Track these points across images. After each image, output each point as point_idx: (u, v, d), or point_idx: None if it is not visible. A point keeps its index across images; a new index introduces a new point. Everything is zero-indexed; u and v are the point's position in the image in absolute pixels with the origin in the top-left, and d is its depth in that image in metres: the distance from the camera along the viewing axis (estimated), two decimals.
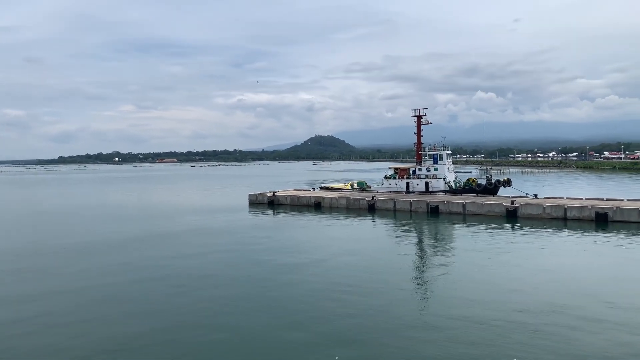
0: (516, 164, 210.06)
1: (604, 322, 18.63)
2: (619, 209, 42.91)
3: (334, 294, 23.28)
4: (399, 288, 24.11)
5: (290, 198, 63.99)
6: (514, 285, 24.01)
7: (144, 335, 18.56)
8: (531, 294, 22.37)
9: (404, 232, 42.25)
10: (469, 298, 22.01)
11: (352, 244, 36.55)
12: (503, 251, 32.34)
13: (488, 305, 20.89)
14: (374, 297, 22.64)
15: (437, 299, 22.44)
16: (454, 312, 20.24)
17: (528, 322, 18.88)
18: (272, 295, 23.40)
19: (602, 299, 21.47)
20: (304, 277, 26.47)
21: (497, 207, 48.73)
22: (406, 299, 22.33)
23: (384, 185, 69.40)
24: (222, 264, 30.28)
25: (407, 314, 20.32)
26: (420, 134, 70.57)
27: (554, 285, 23.86)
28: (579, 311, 19.89)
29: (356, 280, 25.52)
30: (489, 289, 23.37)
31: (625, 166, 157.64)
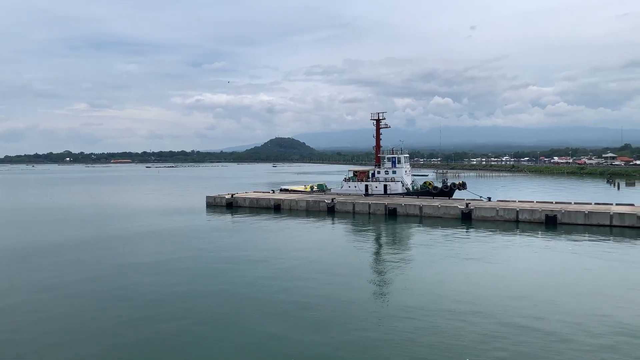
0: (471, 168, 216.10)
1: (550, 320, 19.29)
2: (567, 211, 44.75)
3: (292, 296, 23.09)
4: (357, 289, 24.18)
5: (250, 200, 63.33)
6: (468, 285, 24.54)
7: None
8: (484, 295, 22.92)
9: (362, 234, 42.55)
10: (425, 299, 22.32)
11: (311, 246, 36.47)
12: (458, 252, 33.06)
13: (443, 306, 21.24)
14: (332, 299, 22.60)
15: (394, 300, 22.64)
16: (409, 313, 20.47)
17: (481, 322, 19.30)
18: (229, 300, 22.97)
19: (549, 298, 22.24)
20: (262, 280, 26.15)
21: (452, 210, 49.84)
22: (364, 301, 22.41)
23: (344, 187, 69.81)
24: (176, 268, 29.50)
25: (365, 315, 20.38)
26: (379, 137, 71.49)
27: (506, 285, 24.55)
28: (529, 311, 20.52)
29: (315, 283, 25.43)
30: (443, 290, 23.78)
31: (573, 171, 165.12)
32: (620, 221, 42.04)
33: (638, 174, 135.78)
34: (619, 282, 24.94)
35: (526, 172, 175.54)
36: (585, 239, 37.70)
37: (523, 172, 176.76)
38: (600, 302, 21.59)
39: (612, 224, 42.23)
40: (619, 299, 21.95)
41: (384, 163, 68.14)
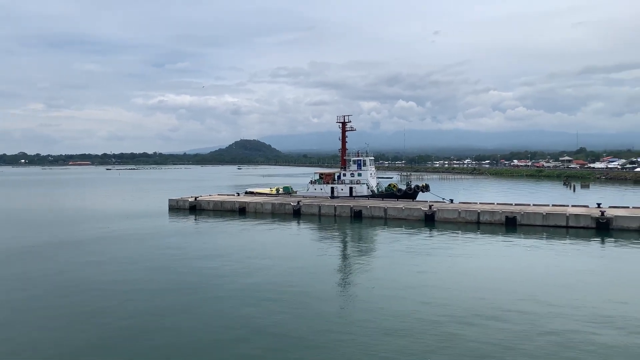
0: (434, 170, 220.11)
1: (509, 316, 19.76)
2: (526, 213, 46.09)
3: (256, 300, 22.81)
4: (323, 291, 24.13)
5: (214, 203, 62.42)
6: (431, 285, 24.86)
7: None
8: (447, 295, 23.25)
9: (328, 236, 42.58)
10: (390, 299, 22.49)
11: (277, 248, 36.21)
12: (421, 253, 33.49)
13: (407, 307, 21.43)
14: (298, 301, 22.46)
15: (359, 301, 22.70)
16: (374, 313, 20.56)
17: (443, 321, 19.57)
18: (191, 305, 22.49)
19: (509, 296, 22.79)
20: (226, 284, 25.74)
21: (416, 212, 50.54)
22: (329, 302, 22.37)
23: (310, 190, 69.75)
24: (137, 273, 28.71)
25: (330, 316, 20.34)
26: (345, 140, 71.86)
27: (468, 285, 25.00)
28: (489, 310, 20.95)
29: (281, 285, 25.22)
30: (407, 291, 24.01)
31: (531, 173, 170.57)
32: (576, 222, 43.59)
33: (593, 177, 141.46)
34: (574, 280, 25.80)
35: (487, 174, 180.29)
36: (543, 239, 38.89)
37: (484, 174, 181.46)
38: (557, 297, 22.26)
39: (568, 224, 43.73)
40: (575, 294, 22.69)
41: (350, 166, 68.50)
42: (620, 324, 19.04)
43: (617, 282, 25.69)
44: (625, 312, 20.46)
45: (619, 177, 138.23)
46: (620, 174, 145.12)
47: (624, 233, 40.44)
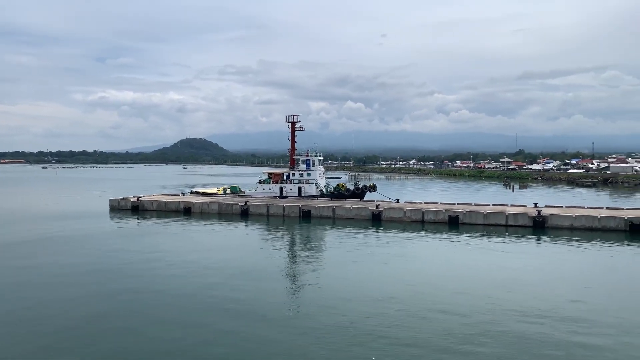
0: (381, 171, 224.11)
1: (453, 312, 20.28)
2: (468, 212, 47.65)
3: (201, 304, 22.20)
4: (271, 291, 23.83)
5: (157, 203, 60.48)
6: (378, 284, 25.12)
7: None
8: (392, 293, 23.56)
9: (276, 237, 42.23)
10: (337, 298, 22.50)
11: (224, 249, 35.50)
12: (368, 252, 33.84)
13: (354, 306, 21.52)
14: (244, 302, 22.04)
15: (307, 300, 22.57)
16: (323, 313, 20.51)
17: (389, 320, 19.79)
18: (133, 311, 21.56)
19: (452, 293, 23.40)
20: (170, 288, 24.89)
21: (363, 211, 51.11)
22: (277, 302, 22.10)
23: (258, 190, 69.02)
24: (74, 277, 27.25)
25: (278, 316, 20.09)
26: (294, 140, 71.64)
27: (413, 283, 25.46)
28: (434, 306, 21.40)
29: (228, 286, 24.70)
30: (355, 290, 24.14)
31: (473, 174, 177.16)
32: (514, 221, 45.51)
33: (530, 178, 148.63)
34: (511, 276, 26.86)
35: (432, 175, 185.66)
36: (483, 238, 40.30)
37: (429, 175, 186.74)
38: (495, 293, 23.07)
39: (508, 223, 45.59)
40: (513, 289, 23.60)
41: (299, 165, 68.37)
42: (550, 317, 19.94)
43: (551, 278, 26.94)
44: (557, 306, 21.46)
45: (554, 178, 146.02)
46: (555, 175, 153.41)
47: (557, 231, 42.60)
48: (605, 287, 25.28)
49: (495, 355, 16.46)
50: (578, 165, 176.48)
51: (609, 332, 18.49)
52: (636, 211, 47.82)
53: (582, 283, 25.96)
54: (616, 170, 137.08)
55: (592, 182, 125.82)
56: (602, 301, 22.45)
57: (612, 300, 22.62)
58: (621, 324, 19.30)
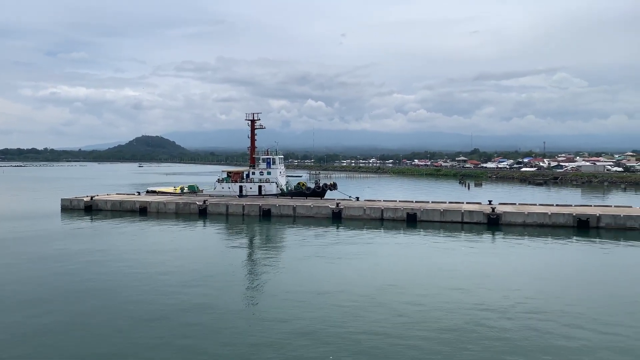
0: (341, 169, 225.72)
1: (410, 307, 20.62)
2: (426, 210, 48.58)
3: (157, 306, 21.63)
4: (230, 292, 23.51)
5: (112, 203, 58.62)
6: (338, 282, 25.21)
7: None
8: (352, 292, 23.70)
9: (236, 236, 41.73)
10: (298, 298, 22.43)
11: (181, 250, 34.75)
12: (329, 250, 33.92)
13: (314, 305, 21.52)
14: (202, 304, 21.62)
15: (268, 300, 22.41)
16: (282, 314, 20.39)
17: (348, 319, 19.89)
18: (86, 314, 20.76)
19: (410, 288, 23.78)
20: (124, 290, 24.13)
21: (324, 210, 51.25)
22: (237, 303, 21.82)
23: (217, 189, 68.05)
24: (22, 280, 25.99)
25: (237, 317, 19.83)
26: (254, 138, 71.04)
27: (372, 280, 25.71)
28: (394, 303, 21.67)
29: (185, 287, 24.16)
30: (315, 288, 24.15)
31: (430, 172, 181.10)
32: (470, 218, 46.74)
33: (485, 176, 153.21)
34: (468, 270, 27.56)
35: (390, 173, 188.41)
36: (440, 234, 41.19)
37: (388, 173, 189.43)
38: (453, 286, 23.61)
39: (463, 220, 46.78)
40: (469, 283, 24.22)
41: (259, 164, 67.84)
42: (504, 309, 20.58)
43: (504, 272, 27.80)
44: (510, 298, 22.17)
45: (507, 176, 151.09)
46: (509, 173, 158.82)
47: (511, 227, 44.04)
48: (557, 279, 26.30)
49: (450, 346, 16.82)
50: (530, 163, 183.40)
51: (562, 320, 19.26)
52: (583, 208, 50.06)
53: (534, 276, 26.91)
54: (588, 169, 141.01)
55: (543, 180, 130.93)
56: (555, 293, 23.35)
57: (564, 292, 23.55)
58: (573, 313, 20.13)
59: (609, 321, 19.49)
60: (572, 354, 16.48)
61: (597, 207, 50.39)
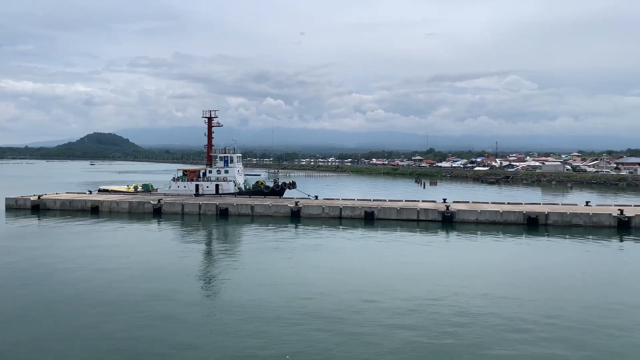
0: (300, 168, 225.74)
1: (366, 305, 20.84)
2: (383, 208, 49.25)
3: (109, 309, 20.90)
4: (186, 293, 22.99)
5: (61, 202, 56.27)
6: (296, 281, 25.18)
7: None
8: (310, 291, 23.71)
9: (192, 236, 40.95)
10: (255, 298, 22.21)
11: (134, 250, 33.77)
12: (287, 249, 33.82)
13: (270, 304, 21.38)
14: (157, 305, 21.06)
15: (224, 300, 22.10)
16: (238, 313, 20.16)
17: (305, 318, 19.88)
18: (29, 319, 19.80)
19: (367, 285, 24.03)
20: (73, 293, 23.19)
21: (282, 208, 51.05)
22: (193, 304, 21.38)
23: (172, 187, 66.59)
24: None
25: (193, 318, 19.43)
26: (211, 135, 69.90)
27: (330, 278, 25.81)
28: (351, 302, 21.82)
29: (139, 289, 23.46)
30: (273, 288, 24.01)
31: (388, 171, 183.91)
32: (425, 216, 47.72)
33: (440, 175, 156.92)
34: (423, 266, 28.15)
35: (349, 172, 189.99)
36: (397, 232, 41.86)
37: (346, 172, 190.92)
38: (408, 282, 24.03)
39: (419, 218, 47.70)
40: (423, 279, 24.74)
41: (216, 162, 66.84)
42: (456, 303, 21.12)
43: (458, 268, 28.53)
44: (462, 293, 22.79)
45: (461, 175, 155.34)
46: (463, 172, 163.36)
47: (464, 225, 45.27)
48: (508, 274, 27.24)
49: (403, 341, 17.10)
50: (483, 163, 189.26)
51: (514, 311, 19.94)
52: (533, 206, 52.08)
53: (486, 271, 27.77)
54: (548, 169, 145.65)
55: (495, 179, 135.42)
56: (506, 287, 24.16)
57: (515, 286, 24.42)
58: (524, 304, 20.88)
59: (554, 313, 20.33)
60: (520, 344, 17.09)
61: (545, 205, 52.54)
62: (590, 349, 16.88)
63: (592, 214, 44.54)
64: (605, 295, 23.38)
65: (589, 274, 28.10)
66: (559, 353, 16.53)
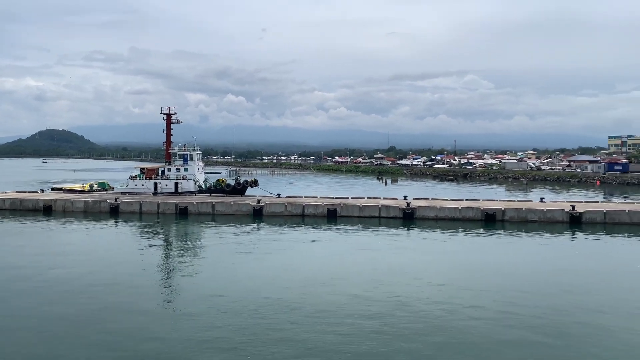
0: (263, 166, 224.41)
1: (330, 304, 20.81)
2: (345, 205, 49.46)
3: (63, 314, 20.04)
4: (144, 294, 22.32)
5: (10, 201, 53.71)
6: (255, 281, 24.86)
7: None
8: (272, 289, 23.49)
9: (150, 236, 39.89)
10: (216, 297, 21.81)
11: (89, 251, 32.56)
12: (249, 248, 33.42)
13: (232, 304, 21.04)
14: (115, 307, 20.33)
15: (185, 301, 21.58)
16: (199, 314, 19.72)
17: (266, 318, 19.66)
18: None
19: (330, 283, 24.03)
20: (25, 296, 22.11)
21: (244, 207, 50.48)
22: (153, 305, 20.76)
23: (130, 186, 64.72)
24: None
25: (153, 319, 18.87)
26: (170, 132, 68.33)
27: (292, 276, 25.66)
28: (312, 301, 21.75)
29: (95, 292, 22.59)
30: (234, 287, 23.66)
31: (350, 169, 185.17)
32: (387, 213, 48.24)
33: (401, 172, 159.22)
34: (384, 263, 28.41)
35: (312, 170, 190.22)
36: (359, 229, 42.12)
37: (309, 170, 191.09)
38: (371, 279, 24.19)
39: (381, 215, 48.17)
40: (384, 275, 24.96)
41: (175, 160, 65.39)
42: (418, 297, 21.43)
43: (419, 263, 28.97)
44: (422, 289, 23.13)
45: (421, 173, 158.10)
46: (423, 169, 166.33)
47: (424, 221, 46.00)
48: (466, 267, 27.84)
49: (362, 337, 17.16)
50: (442, 161, 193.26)
51: (470, 302, 20.37)
52: (490, 202, 53.48)
53: (445, 265, 28.29)
54: (512, 166, 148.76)
55: (454, 176, 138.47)
56: (464, 280, 24.69)
57: (472, 279, 24.98)
58: (481, 297, 21.36)
59: (508, 301, 20.95)
60: (476, 335, 17.47)
61: (502, 202, 54.04)
62: (542, 333, 17.48)
63: (546, 210, 46.12)
64: (558, 285, 24.42)
65: (543, 266, 29.07)
66: (512, 339, 17.03)
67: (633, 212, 45.08)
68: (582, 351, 16.74)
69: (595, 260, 31.41)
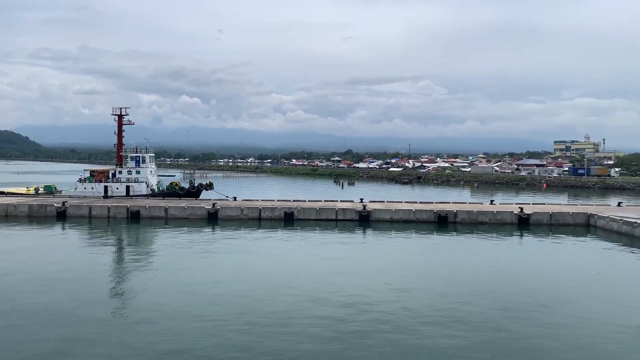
0: (218, 169, 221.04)
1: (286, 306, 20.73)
2: (302, 208, 49.44)
3: (5, 321, 18.98)
4: (94, 302, 21.45)
5: None
6: (212, 284, 24.45)
7: None
8: (226, 294, 23.17)
9: (100, 241, 38.45)
10: (169, 303, 21.27)
11: (34, 257, 30.99)
12: (203, 252, 32.84)
13: (186, 309, 20.60)
14: (65, 315, 19.44)
15: (137, 307, 20.91)
16: (151, 320, 19.17)
17: (222, 323, 19.36)
18: None
19: (286, 284, 23.92)
20: None
21: (199, 210, 49.54)
22: (103, 312, 19.97)
23: (78, 189, 62.22)
24: None
25: (104, 326, 18.16)
26: (121, 134, 66.34)
27: (245, 281, 25.38)
28: (271, 304, 21.59)
29: (42, 299, 21.52)
30: (188, 292, 23.15)
31: (307, 172, 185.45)
32: (343, 215, 48.58)
33: (357, 175, 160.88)
34: (341, 264, 28.56)
35: (269, 173, 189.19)
36: (316, 232, 42.21)
37: (266, 173, 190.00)
38: (326, 281, 24.25)
39: (337, 218, 48.45)
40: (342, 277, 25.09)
41: (127, 162, 63.52)
42: (370, 297, 21.68)
43: (375, 264, 29.31)
44: (377, 288, 23.42)
45: (377, 176, 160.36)
46: (378, 172, 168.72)
47: (380, 223, 46.66)
48: (419, 268, 28.41)
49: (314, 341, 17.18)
50: (397, 164, 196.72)
51: (422, 303, 20.76)
52: (443, 204, 54.83)
53: (399, 267, 28.75)
54: (477, 170, 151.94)
55: (408, 179, 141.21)
56: (417, 280, 25.18)
57: (425, 280, 25.50)
58: (433, 296, 21.82)
59: (460, 300, 21.52)
60: (426, 335, 17.84)
61: (454, 204, 55.51)
62: (491, 329, 18.04)
63: (496, 212, 47.76)
64: (507, 283, 25.40)
65: (493, 266, 30.04)
66: (459, 334, 17.50)
67: (576, 213, 47.44)
68: (529, 345, 17.41)
69: (542, 259, 32.76)
